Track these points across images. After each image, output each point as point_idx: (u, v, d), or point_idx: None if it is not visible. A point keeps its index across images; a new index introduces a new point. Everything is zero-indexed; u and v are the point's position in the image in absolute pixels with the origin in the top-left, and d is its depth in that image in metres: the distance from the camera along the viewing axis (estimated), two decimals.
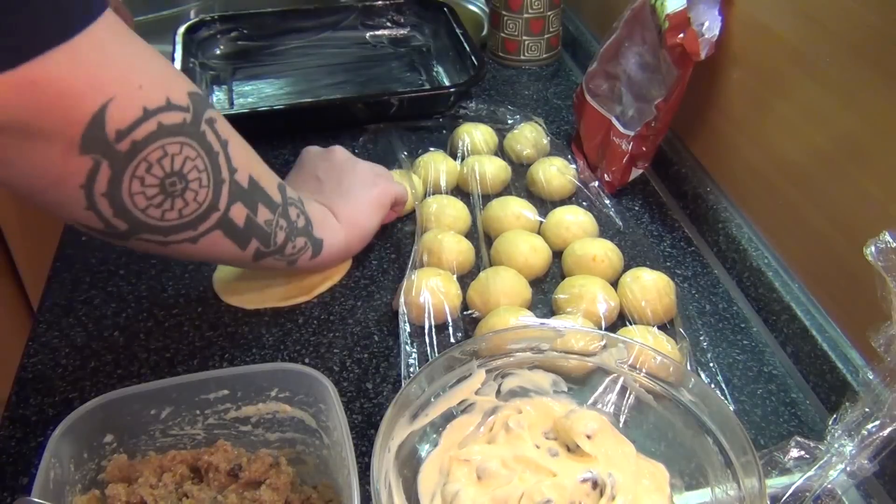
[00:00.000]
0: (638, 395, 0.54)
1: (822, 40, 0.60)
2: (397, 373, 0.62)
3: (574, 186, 0.81)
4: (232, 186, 0.53)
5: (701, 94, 0.76)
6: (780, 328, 0.66)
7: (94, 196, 0.46)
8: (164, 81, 0.47)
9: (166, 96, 0.47)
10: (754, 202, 0.72)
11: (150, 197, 0.48)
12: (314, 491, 0.51)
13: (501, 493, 0.48)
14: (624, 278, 0.68)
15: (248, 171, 0.55)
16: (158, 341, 0.65)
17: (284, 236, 0.60)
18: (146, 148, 0.46)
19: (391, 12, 1.15)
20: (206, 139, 0.50)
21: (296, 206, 0.61)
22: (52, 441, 0.46)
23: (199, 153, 0.49)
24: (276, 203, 0.58)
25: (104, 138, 0.44)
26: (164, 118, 0.46)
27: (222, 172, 0.52)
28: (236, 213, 0.54)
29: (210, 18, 1.09)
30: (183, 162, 0.48)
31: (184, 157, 0.48)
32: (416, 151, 0.86)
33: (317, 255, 0.65)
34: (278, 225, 0.59)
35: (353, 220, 0.69)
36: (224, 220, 0.54)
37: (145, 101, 0.45)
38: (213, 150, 0.51)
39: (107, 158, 0.45)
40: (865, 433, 0.48)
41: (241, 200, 0.54)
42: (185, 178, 0.49)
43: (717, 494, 0.48)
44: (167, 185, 0.48)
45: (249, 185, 0.55)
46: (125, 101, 0.44)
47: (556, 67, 1.08)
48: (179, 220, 0.51)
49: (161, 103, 0.46)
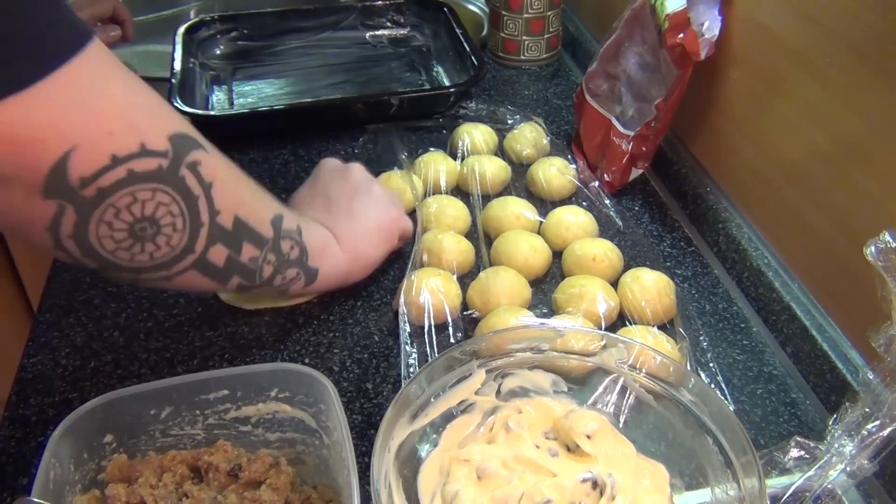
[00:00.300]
0: (638, 395, 0.54)
1: (822, 40, 0.60)
2: (397, 373, 0.62)
3: (574, 186, 0.81)
4: (212, 229, 0.51)
5: (701, 94, 0.76)
6: (780, 328, 0.66)
7: (61, 238, 0.45)
8: (141, 125, 0.45)
9: (140, 142, 0.45)
10: (754, 202, 0.72)
11: (118, 241, 0.47)
12: (314, 491, 0.51)
13: (501, 493, 0.48)
14: (624, 278, 0.68)
15: (233, 212, 0.52)
16: (158, 341, 0.65)
17: (272, 270, 0.58)
18: (113, 194, 0.44)
19: (391, 12, 1.15)
20: (184, 184, 0.48)
21: (290, 238, 0.59)
22: (52, 441, 0.46)
23: (173, 198, 0.47)
24: (265, 239, 0.56)
25: (67, 185, 0.42)
26: (136, 165, 0.44)
27: (201, 216, 0.50)
28: (215, 255, 0.52)
29: (210, 18, 1.09)
30: (155, 207, 0.47)
31: (156, 202, 0.46)
32: (416, 151, 0.86)
33: (310, 284, 0.63)
34: (265, 260, 0.56)
35: (356, 248, 0.66)
36: (201, 261, 0.52)
37: (114, 149, 0.43)
38: (192, 195, 0.48)
39: (71, 204, 0.43)
40: (865, 433, 0.48)
41: (221, 242, 0.52)
42: (156, 224, 0.47)
43: (717, 494, 0.48)
44: (137, 230, 0.47)
45: (234, 226, 0.52)
46: (90, 148, 0.42)
47: (556, 67, 1.08)
48: (151, 262, 0.49)
49: (133, 150, 0.44)
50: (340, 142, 0.91)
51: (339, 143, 0.91)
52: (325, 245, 0.64)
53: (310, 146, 0.91)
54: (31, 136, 0.40)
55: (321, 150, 0.90)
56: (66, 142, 0.42)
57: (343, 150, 0.90)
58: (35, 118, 0.40)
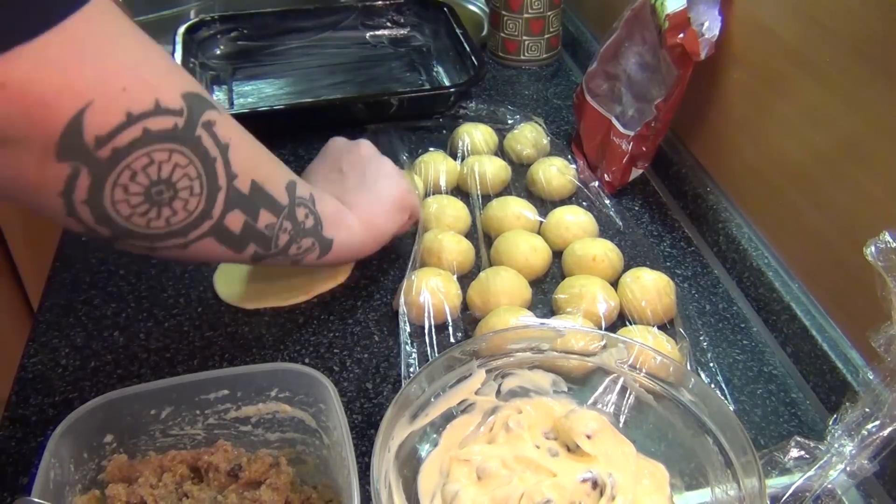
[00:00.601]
0: (638, 395, 0.54)
1: (823, 40, 0.60)
2: (397, 373, 0.62)
3: (574, 186, 0.81)
4: (230, 193, 0.49)
5: (701, 94, 0.76)
6: (780, 328, 0.66)
7: (74, 203, 0.43)
8: (154, 82, 0.44)
9: (155, 99, 0.43)
10: (754, 202, 0.72)
11: (133, 205, 0.45)
12: (314, 491, 0.51)
13: (501, 493, 0.48)
14: (624, 278, 0.68)
15: (250, 176, 0.51)
16: (158, 341, 0.65)
17: (288, 238, 0.57)
18: (130, 155, 0.42)
19: (391, 12, 1.15)
20: (200, 145, 0.46)
21: (305, 206, 0.58)
22: (52, 441, 0.46)
23: (191, 160, 0.46)
24: (281, 205, 0.55)
25: (82, 145, 0.41)
26: (151, 123, 0.43)
27: (219, 180, 0.48)
28: (232, 221, 0.51)
29: (210, 18, 1.09)
30: (172, 170, 0.45)
31: (173, 164, 0.45)
32: (416, 151, 0.86)
33: (325, 255, 0.62)
34: (282, 228, 0.55)
35: (370, 219, 0.65)
36: (218, 227, 0.50)
37: (129, 105, 0.42)
38: (210, 157, 0.47)
39: (86, 166, 0.42)
40: (865, 433, 0.48)
41: (238, 207, 0.51)
42: (173, 187, 0.45)
43: (717, 494, 0.48)
44: (153, 194, 0.45)
45: (251, 191, 0.51)
46: (106, 105, 0.41)
47: (556, 67, 1.08)
48: (167, 228, 0.48)
49: (148, 107, 0.42)
50: None
51: None
52: (339, 215, 0.63)
53: (310, 146, 0.91)
54: (43, 92, 0.38)
55: None
56: (81, 98, 0.40)
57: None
58: (46, 72, 0.38)
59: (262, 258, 0.57)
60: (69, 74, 0.39)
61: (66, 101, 0.39)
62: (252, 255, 0.55)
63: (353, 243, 0.64)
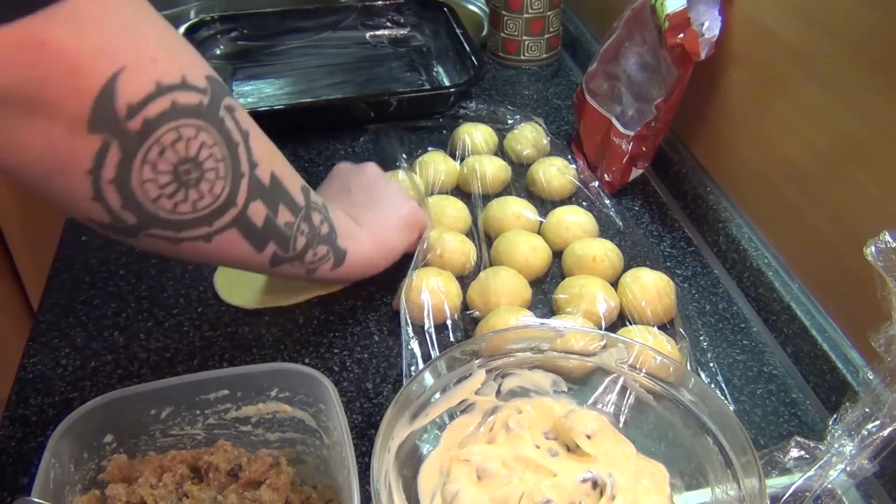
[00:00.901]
0: (638, 395, 0.54)
1: (822, 40, 0.60)
2: (397, 373, 0.62)
3: (574, 186, 0.81)
4: (252, 181, 0.49)
5: (701, 94, 0.76)
6: (780, 328, 0.66)
7: (101, 183, 0.42)
8: (180, 58, 0.43)
9: (182, 74, 0.42)
10: (754, 202, 0.72)
11: (162, 185, 0.44)
12: (314, 491, 0.51)
13: (501, 493, 0.48)
14: (624, 278, 0.68)
15: (270, 168, 0.51)
16: (158, 341, 0.65)
17: (305, 242, 0.56)
18: (159, 128, 0.42)
19: (391, 12, 1.15)
20: (224, 126, 0.46)
21: (320, 212, 0.57)
22: (52, 441, 0.46)
23: (216, 140, 0.45)
24: (298, 205, 0.54)
25: (114, 114, 0.40)
26: (180, 97, 0.42)
27: (242, 165, 0.48)
28: (255, 212, 0.50)
29: (210, 18, 1.09)
30: (199, 148, 0.44)
31: (200, 142, 0.44)
32: (416, 151, 0.86)
33: (338, 266, 0.61)
34: (299, 229, 0.55)
35: (380, 234, 0.65)
36: (241, 217, 0.50)
37: (159, 76, 0.41)
38: (233, 140, 0.47)
39: (117, 138, 0.41)
40: (865, 433, 0.48)
41: (260, 198, 0.50)
42: (200, 167, 0.45)
43: (717, 494, 0.48)
44: (181, 173, 0.44)
45: (271, 183, 0.51)
46: (137, 72, 0.40)
47: (556, 67, 1.08)
48: (193, 213, 0.47)
49: (176, 80, 0.42)
50: (340, 142, 0.91)
51: (339, 143, 0.91)
52: (350, 228, 0.63)
53: (310, 146, 0.91)
54: (79, 52, 0.37)
55: (321, 150, 0.90)
56: (115, 62, 0.39)
57: (343, 149, 0.90)
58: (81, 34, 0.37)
59: (281, 262, 0.56)
60: (104, 36, 0.39)
61: (100, 63, 0.39)
62: (271, 257, 0.55)
63: (365, 257, 0.64)
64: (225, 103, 0.46)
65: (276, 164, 0.53)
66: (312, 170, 0.87)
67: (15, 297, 1.18)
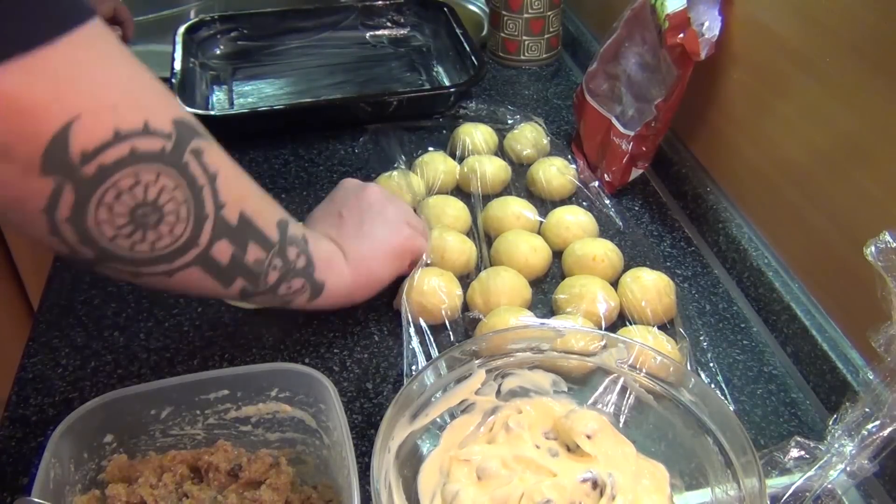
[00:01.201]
0: (638, 395, 0.54)
1: (822, 40, 0.60)
2: (397, 373, 0.62)
3: (574, 186, 0.81)
4: (217, 222, 0.49)
5: (701, 94, 0.76)
6: (780, 328, 0.66)
7: (57, 221, 0.42)
8: (145, 104, 0.44)
9: (144, 120, 0.43)
10: (754, 202, 0.72)
11: (118, 226, 0.44)
12: (314, 491, 0.51)
13: (501, 493, 0.48)
14: (624, 278, 0.68)
15: (239, 207, 0.50)
16: (158, 341, 0.65)
17: (278, 276, 0.56)
18: (116, 174, 0.42)
19: (391, 12, 1.15)
20: (188, 170, 0.46)
21: (297, 246, 0.57)
22: (52, 441, 0.47)
23: (178, 184, 0.45)
24: (271, 242, 0.54)
25: (68, 160, 0.40)
26: (139, 143, 0.43)
27: (206, 207, 0.48)
28: (220, 251, 0.50)
29: (210, 18, 1.09)
30: (158, 192, 0.44)
31: (160, 186, 0.44)
32: (416, 151, 0.86)
33: (315, 298, 0.60)
34: (271, 265, 0.54)
35: (363, 266, 0.64)
36: (204, 256, 0.49)
37: (118, 123, 0.42)
38: (198, 183, 0.47)
39: (71, 181, 0.41)
40: (865, 433, 0.48)
41: (226, 237, 0.50)
42: (159, 210, 0.45)
43: (717, 494, 0.48)
44: (139, 216, 0.44)
45: (240, 223, 0.51)
46: (93, 120, 0.41)
47: (556, 67, 1.08)
48: (152, 252, 0.47)
49: (136, 127, 0.42)
50: (340, 142, 0.91)
51: (339, 143, 0.91)
52: (332, 260, 0.62)
53: (310, 146, 0.91)
54: (33, 102, 0.39)
55: (321, 150, 0.90)
56: (69, 111, 0.40)
57: (343, 149, 0.90)
58: (38, 84, 0.38)
59: (251, 295, 0.56)
60: (60, 88, 0.40)
61: (53, 112, 0.39)
62: (240, 291, 0.54)
63: (344, 289, 0.63)
64: (192, 147, 0.46)
65: (248, 202, 0.52)
66: (312, 170, 0.87)
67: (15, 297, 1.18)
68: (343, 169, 0.87)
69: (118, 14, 1.08)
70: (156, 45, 1.13)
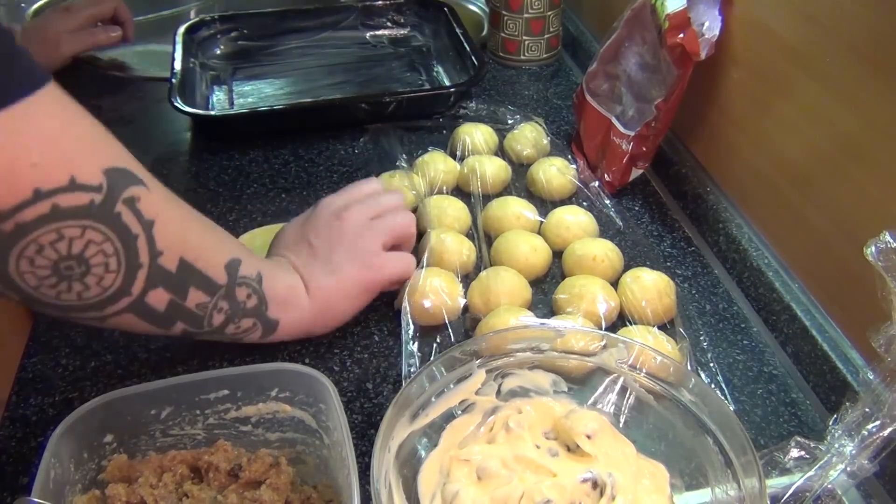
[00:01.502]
0: (638, 395, 0.54)
1: (822, 40, 0.60)
2: (397, 373, 0.62)
3: (574, 186, 0.81)
4: (152, 271, 0.48)
5: (701, 94, 0.76)
6: (780, 328, 0.66)
7: None
8: (72, 156, 0.43)
9: (70, 175, 0.43)
10: (754, 202, 0.72)
11: (41, 277, 0.44)
12: (314, 491, 0.51)
13: (501, 493, 0.48)
14: (624, 278, 0.68)
15: (179, 253, 0.50)
16: (158, 341, 0.65)
17: (224, 318, 0.55)
18: (35, 230, 0.42)
19: (391, 12, 1.15)
20: (120, 221, 0.45)
21: (247, 286, 0.55)
22: (52, 441, 0.47)
23: (107, 237, 0.45)
24: (216, 285, 0.53)
25: None
26: (63, 200, 0.42)
27: (140, 257, 0.47)
28: (156, 299, 0.50)
29: (210, 18, 1.09)
30: (84, 246, 0.44)
31: (86, 240, 0.44)
32: (416, 151, 0.86)
33: (269, 335, 0.60)
34: (216, 308, 0.54)
35: (326, 302, 0.62)
36: (138, 304, 0.49)
37: (38, 182, 0.41)
38: (130, 233, 0.46)
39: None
40: (865, 433, 0.48)
41: (163, 286, 0.49)
42: (85, 262, 0.45)
43: (717, 494, 0.48)
44: (62, 269, 0.44)
45: (179, 269, 0.50)
46: (11, 180, 0.41)
47: (556, 67, 1.08)
48: (80, 301, 0.47)
49: (60, 183, 0.42)
50: (340, 142, 0.91)
51: (339, 143, 0.91)
52: (290, 295, 0.60)
53: (310, 146, 0.91)
54: None
55: (321, 150, 0.90)
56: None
57: (343, 150, 0.90)
58: None
59: (195, 335, 0.55)
60: None
61: None
62: (182, 332, 0.54)
63: (302, 325, 0.62)
64: (126, 195, 0.46)
65: (190, 247, 0.51)
66: (312, 170, 0.87)
67: None
68: (343, 169, 0.87)
69: (118, 14, 1.08)
70: (156, 45, 1.13)
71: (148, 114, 0.99)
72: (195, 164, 0.89)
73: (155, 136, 0.95)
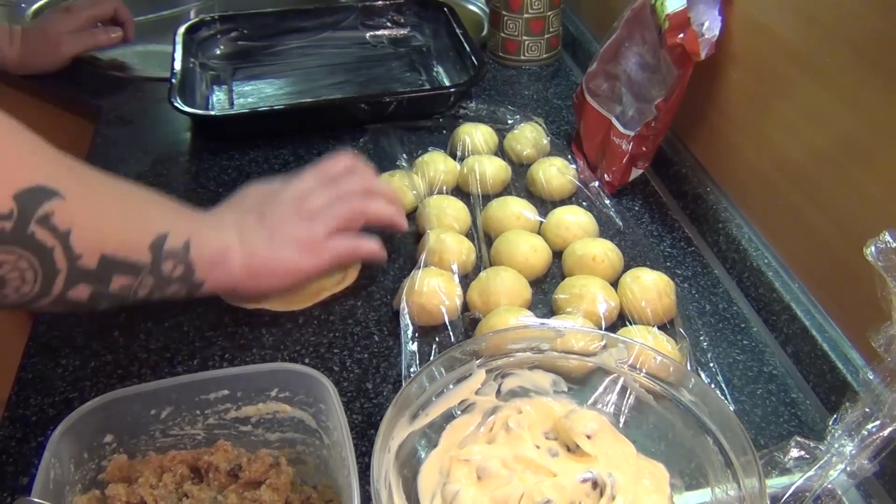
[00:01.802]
0: (638, 395, 0.54)
1: (822, 40, 0.60)
2: (397, 373, 0.62)
3: (574, 186, 0.81)
4: (71, 273, 0.48)
5: (701, 94, 0.76)
6: (780, 328, 0.66)
7: None
8: None
9: None
10: (754, 202, 0.72)
11: None
12: (314, 491, 0.51)
13: (501, 493, 0.48)
14: (624, 278, 0.68)
15: (99, 252, 0.50)
16: (158, 341, 0.65)
17: (149, 291, 0.55)
18: None
19: (391, 12, 1.15)
20: (34, 241, 0.46)
21: (173, 258, 0.55)
22: (52, 441, 0.47)
23: (21, 256, 0.45)
24: (140, 267, 0.53)
25: None
26: None
27: (56, 265, 0.47)
28: (77, 293, 0.50)
29: (210, 18, 1.09)
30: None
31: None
32: (416, 151, 0.86)
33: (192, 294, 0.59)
34: (141, 285, 0.54)
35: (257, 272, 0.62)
36: (61, 300, 0.49)
37: None
38: (45, 249, 0.46)
39: None
40: (865, 433, 0.48)
41: (84, 281, 0.50)
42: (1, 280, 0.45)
43: (717, 494, 0.48)
44: None
45: (100, 265, 0.50)
46: None
47: (556, 67, 1.08)
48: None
49: None
50: (340, 142, 0.91)
51: (339, 143, 0.91)
52: (219, 258, 0.60)
53: (310, 146, 0.91)
54: None
55: (321, 150, 0.90)
56: None
57: (343, 149, 0.90)
58: None
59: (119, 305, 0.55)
60: None
61: None
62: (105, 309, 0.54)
63: (228, 284, 0.62)
64: (39, 214, 0.46)
65: (110, 241, 0.51)
66: None
67: None
68: None
69: (119, 15, 1.08)
70: (156, 45, 1.13)
71: (148, 114, 0.99)
72: (195, 164, 0.89)
73: (155, 136, 0.95)
